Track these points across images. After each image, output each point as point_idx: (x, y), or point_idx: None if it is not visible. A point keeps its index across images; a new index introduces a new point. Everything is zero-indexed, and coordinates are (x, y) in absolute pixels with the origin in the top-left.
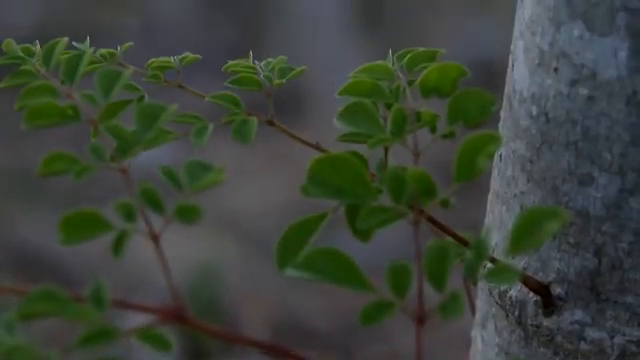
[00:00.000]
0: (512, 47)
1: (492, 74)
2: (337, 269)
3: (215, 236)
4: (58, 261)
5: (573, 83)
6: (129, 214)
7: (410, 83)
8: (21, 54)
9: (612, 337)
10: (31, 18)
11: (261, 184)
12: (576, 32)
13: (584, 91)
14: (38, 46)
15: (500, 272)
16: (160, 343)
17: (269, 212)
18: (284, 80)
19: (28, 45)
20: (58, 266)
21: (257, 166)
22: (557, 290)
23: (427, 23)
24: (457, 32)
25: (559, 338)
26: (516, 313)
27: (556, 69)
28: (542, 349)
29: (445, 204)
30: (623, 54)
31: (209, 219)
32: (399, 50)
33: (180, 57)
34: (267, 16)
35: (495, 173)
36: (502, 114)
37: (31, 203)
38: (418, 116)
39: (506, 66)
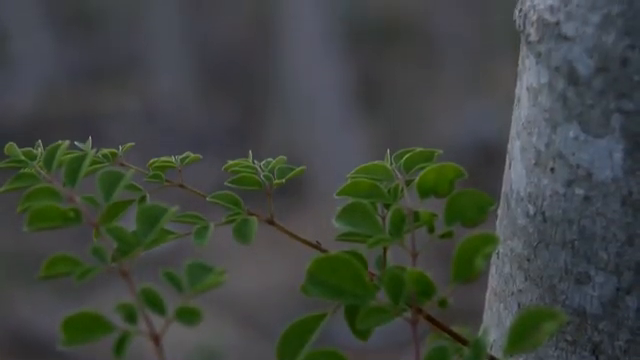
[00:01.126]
0: (509, 147)
1: (492, 156)
2: None
3: (215, 318)
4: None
5: (569, 183)
6: (130, 315)
7: (408, 183)
8: (23, 158)
9: None
10: (31, 99)
11: (261, 267)
12: (572, 133)
13: (580, 191)
14: (41, 148)
15: None
16: None
17: (269, 295)
18: (283, 180)
19: (30, 149)
20: (57, 348)
21: (257, 248)
22: None
23: (427, 105)
24: (457, 115)
25: None
26: None
27: (552, 169)
28: None
29: (443, 304)
30: (618, 155)
31: (209, 302)
32: (399, 133)
33: (181, 157)
34: (267, 98)
35: (493, 270)
36: (499, 212)
37: (32, 285)
38: (416, 216)
39: (504, 147)
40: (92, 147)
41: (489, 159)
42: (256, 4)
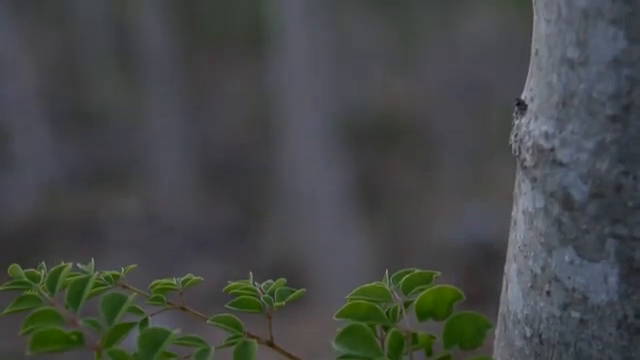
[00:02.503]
0: (506, 268)
1: (491, 257)
2: None
3: None
4: None
5: (565, 306)
6: None
7: (407, 305)
8: (26, 279)
9: None
10: (31, 200)
11: None
12: (567, 257)
13: (576, 314)
14: (44, 269)
15: None
16: None
17: None
18: (283, 303)
19: (33, 270)
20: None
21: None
22: None
23: (427, 206)
24: (456, 215)
25: None
26: None
27: (548, 292)
28: None
29: None
30: (613, 279)
31: None
32: (399, 233)
33: (182, 279)
34: (267, 198)
35: None
36: (497, 333)
37: None
38: (415, 338)
39: (504, 249)
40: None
41: (489, 260)
42: (256, 105)
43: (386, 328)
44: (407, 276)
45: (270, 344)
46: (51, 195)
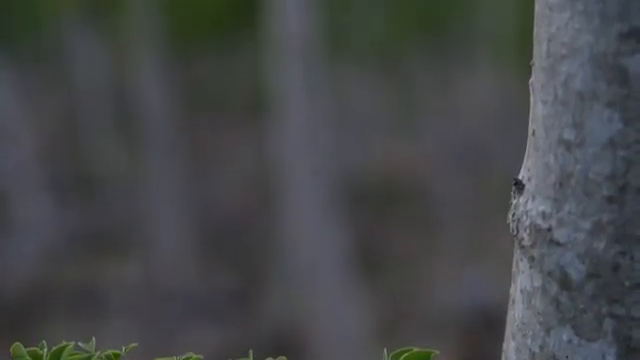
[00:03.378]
0: (504, 346)
1: (492, 322)
2: None
3: None
4: None
5: None
6: None
7: None
8: (29, 358)
9: None
10: (31, 265)
11: None
12: (565, 337)
13: None
14: (45, 348)
15: None
16: None
17: None
18: None
19: (35, 348)
20: None
21: None
22: None
23: (427, 270)
24: (456, 279)
25: None
26: None
27: None
28: None
29: None
30: (611, 359)
31: None
32: (399, 298)
33: (183, 358)
34: (267, 263)
35: None
36: None
37: None
38: None
39: (504, 314)
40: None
41: (489, 325)
42: (256, 170)
43: None
44: (405, 355)
45: None
46: (51, 260)
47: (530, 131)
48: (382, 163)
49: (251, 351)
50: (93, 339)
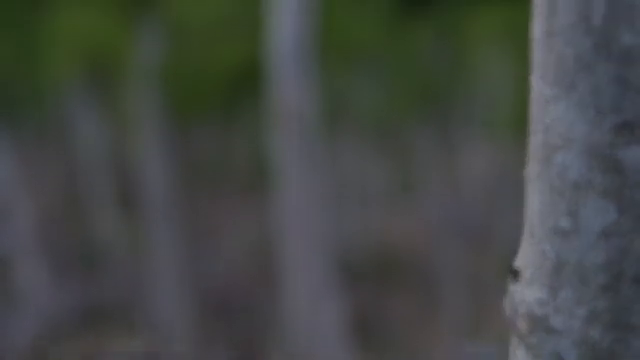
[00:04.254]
0: None
1: None
2: None
3: None
4: None
5: None
6: None
7: None
8: None
9: None
10: (30, 338)
11: None
12: None
13: None
14: None
15: None
16: None
17: None
18: None
19: None
20: None
21: None
22: None
23: (425, 342)
24: (454, 351)
25: None
26: None
27: None
28: None
29: None
30: None
31: None
32: None
33: None
34: (267, 334)
35: None
36: None
37: None
38: None
39: None
40: None
41: None
42: (256, 241)
43: None
44: None
45: None
46: (51, 332)
47: (526, 219)
48: (381, 235)
49: None
50: None
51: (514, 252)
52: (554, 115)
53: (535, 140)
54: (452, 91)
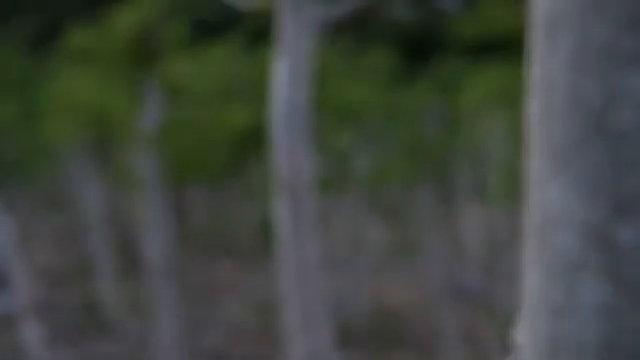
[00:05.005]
0: None
1: None
2: None
3: None
4: None
5: None
6: None
7: None
8: None
9: None
10: None
11: None
12: None
13: None
14: None
15: None
16: None
17: None
18: None
19: None
20: None
21: None
22: None
23: None
24: None
25: None
26: None
27: None
28: None
29: None
30: None
31: None
32: None
33: None
34: None
35: None
36: None
37: None
38: None
39: None
40: None
41: None
42: (257, 304)
43: None
44: None
45: None
46: None
47: (524, 299)
48: (380, 297)
49: None
50: None
51: (513, 317)
52: (549, 193)
53: (531, 216)
54: (451, 153)
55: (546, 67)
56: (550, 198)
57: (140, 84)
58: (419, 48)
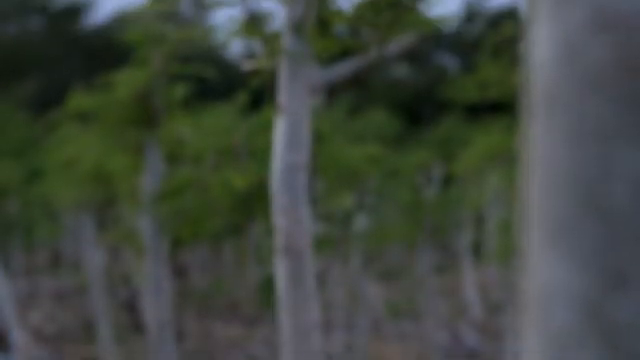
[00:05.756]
0: None
1: None
2: None
3: None
4: None
5: None
6: None
7: None
8: None
9: None
10: None
11: None
12: None
13: None
14: None
15: None
16: None
17: None
18: None
19: None
20: None
21: None
22: None
23: None
24: None
25: None
26: None
27: None
28: None
29: None
30: None
31: None
32: None
33: None
34: None
35: None
36: None
37: None
38: None
39: None
40: None
41: None
42: None
43: None
44: None
45: None
46: None
47: None
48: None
49: None
50: None
51: None
52: (546, 266)
53: (527, 288)
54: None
55: (543, 142)
56: (546, 271)
57: (141, 145)
58: (418, 108)
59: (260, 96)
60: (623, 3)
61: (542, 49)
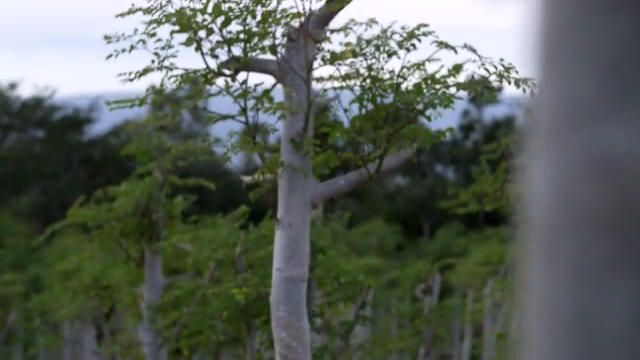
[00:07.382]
0: None
1: None
2: None
3: None
4: None
5: None
6: None
7: None
8: None
9: None
10: None
11: None
12: None
13: None
14: None
15: None
16: None
17: None
18: None
19: None
20: None
21: None
22: None
23: None
24: None
25: None
26: None
27: None
28: None
29: None
30: None
31: None
32: None
33: None
34: None
35: None
36: None
37: None
38: None
39: None
40: None
41: None
42: None
43: None
44: None
45: None
46: None
47: None
48: None
49: None
50: None
51: None
52: None
53: None
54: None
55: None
56: None
57: (142, 257)
58: (418, 218)
59: (260, 208)
60: (615, 146)
61: (538, 188)
